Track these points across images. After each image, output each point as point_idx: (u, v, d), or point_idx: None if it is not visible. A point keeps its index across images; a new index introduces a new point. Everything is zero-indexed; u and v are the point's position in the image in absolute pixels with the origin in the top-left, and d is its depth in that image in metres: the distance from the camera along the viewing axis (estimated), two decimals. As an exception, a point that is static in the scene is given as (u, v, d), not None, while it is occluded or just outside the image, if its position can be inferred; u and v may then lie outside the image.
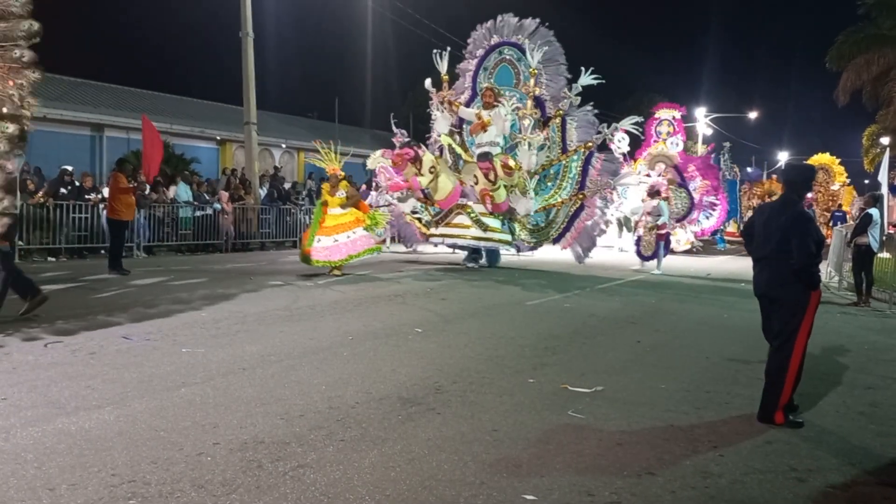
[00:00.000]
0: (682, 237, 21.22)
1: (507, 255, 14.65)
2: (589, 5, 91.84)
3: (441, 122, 13.92)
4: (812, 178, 5.11)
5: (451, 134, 13.82)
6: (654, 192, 15.01)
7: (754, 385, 4.86)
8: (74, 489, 3.17)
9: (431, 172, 12.65)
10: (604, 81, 13.06)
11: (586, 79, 13.04)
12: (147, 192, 15.51)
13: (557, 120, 13.15)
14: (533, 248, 13.99)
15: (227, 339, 6.45)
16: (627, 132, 21.86)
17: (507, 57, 13.93)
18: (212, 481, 3.30)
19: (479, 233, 12.61)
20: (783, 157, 53.22)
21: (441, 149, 14.09)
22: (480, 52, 14.25)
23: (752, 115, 49.82)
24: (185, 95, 30.26)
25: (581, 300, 10.08)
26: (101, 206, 14.17)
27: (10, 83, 5.84)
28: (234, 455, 3.63)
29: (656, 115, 22.27)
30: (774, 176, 36.29)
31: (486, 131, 13.04)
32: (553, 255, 16.09)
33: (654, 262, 14.59)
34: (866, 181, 39.01)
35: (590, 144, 12.93)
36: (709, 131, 43.59)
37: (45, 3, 6.17)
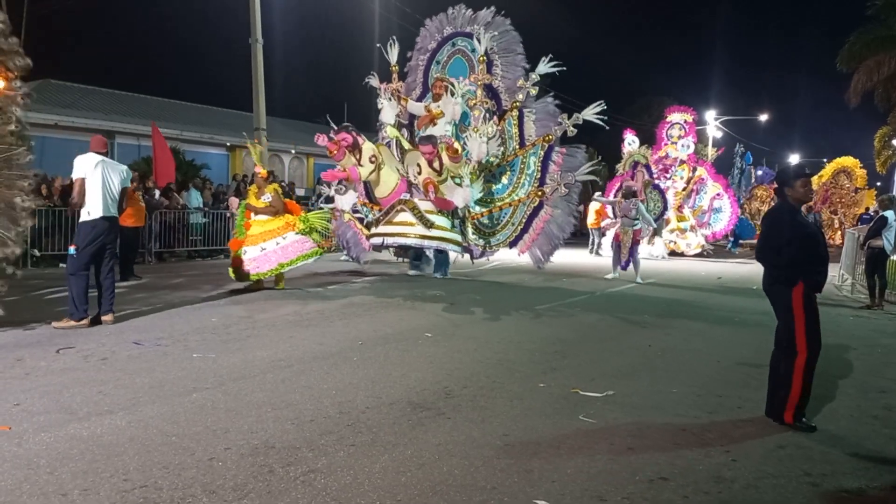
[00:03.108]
0: (692, 241, 21.19)
1: (462, 265, 13.50)
2: (598, 8, 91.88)
3: (387, 111, 12.59)
4: (794, 174, 4.70)
5: (398, 127, 12.64)
6: (630, 193, 14.12)
7: (765, 389, 4.83)
8: (87, 494, 3.18)
9: (372, 162, 11.26)
10: (565, 69, 11.87)
11: (544, 67, 11.84)
12: (157, 196, 15.61)
13: (514, 112, 12.05)
14: (485, 254, 12.67)
15: (238, 345, 6.47)
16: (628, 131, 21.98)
17: (461, 48, 12.81)
18: (223, 486, 3.31)
19: (424, 230, 11.08)
20: (794, 159, 52.97)
21: (389, 144, 12.81)
22: (433, 44, 13.15)
23: (763, 117, 49.82)
24: (195, 102, 30.45)
25: (590, 304, 10.06)
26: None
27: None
28: (246, 460, 3.64)
29: (668, 119, 22.28)
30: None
31: (435, 124, 11.92)
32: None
33: (631, 268, 13.49)
34: (878, 183, 38.79)
35: (549, 137, 11.72)
36: (719, 134, 43.54)
37: (57, 10, 6.50)
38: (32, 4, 17.97)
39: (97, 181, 7.33)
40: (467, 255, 12.47)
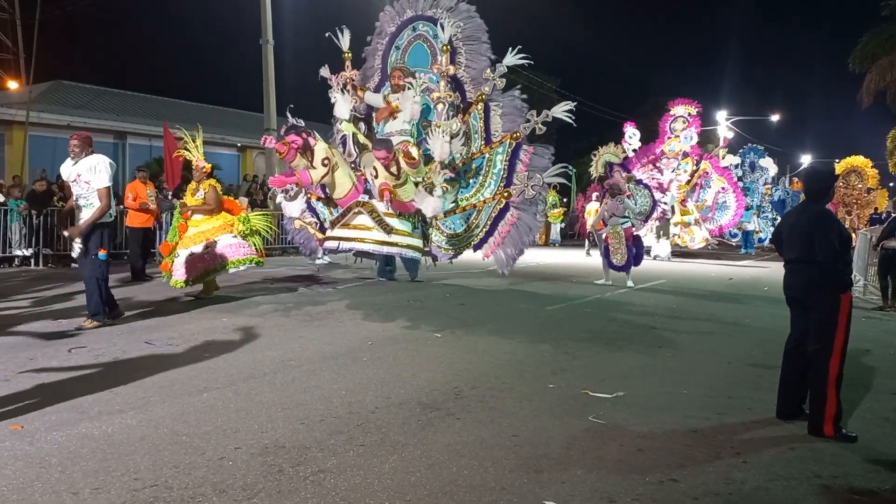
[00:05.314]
0: (697, 235, 21.00)
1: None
2: (608, 9, 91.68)
3: (341, 105, 11.45)
4: (835, 179, 4.96)
5: (355, 122, 11.61)
6: (616, 192, 13.36)
7: (776, 390, 4.81)
8: (98, 493, 3.20)
9: (325, 165, 10.29)
10: (533, 63, 11.09)
11: (512, 58, 10.82)
12: (169, 197, 15.69)
13: (479, 106, 11.03)
14: (452, 257, 11.56)
15: (248, 345, 6.50)
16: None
17: (422, 33, 11.76)
18: (233, 486, 3.32)
19: (383, 236, 10.12)
20: (806, 159, 52.64)
21: (344, 140, 11.89)
22: (392, 28, 12.08)
23: (774, 117, 49.53)
24: (206, 103, 30.57)
25: (599, 306, 10.04)
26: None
27: None
28: (256, 459, 3.65)
29: (671, 112, 21.87)
30: (795, 179, 35.60)
31: (395, 118, 10.99)
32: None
33: (622, 273, 12.79)
34: (891, 184, 38.48)
35: (517, 134, 10.71)
36: (730, 135, 43.29)
37: (67, 13, 6.43)
38: (45, 5, 18.15)
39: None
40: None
